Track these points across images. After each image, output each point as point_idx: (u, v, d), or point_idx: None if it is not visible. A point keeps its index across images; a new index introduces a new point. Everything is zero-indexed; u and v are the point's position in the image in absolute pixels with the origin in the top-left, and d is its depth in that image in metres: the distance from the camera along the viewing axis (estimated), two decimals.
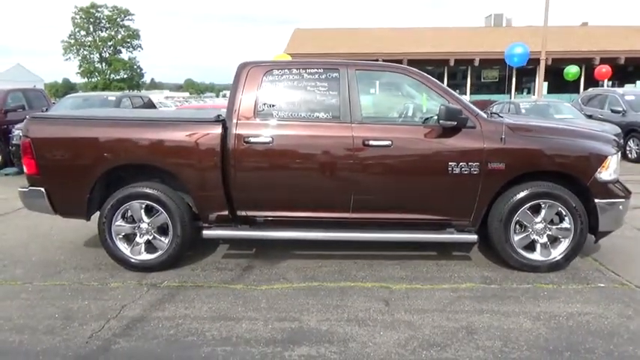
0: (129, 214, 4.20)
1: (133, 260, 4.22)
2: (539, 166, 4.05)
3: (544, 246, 4.15)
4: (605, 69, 19.51)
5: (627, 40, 26.56)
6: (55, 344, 3.03)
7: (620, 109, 11.24)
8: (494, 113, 5.12)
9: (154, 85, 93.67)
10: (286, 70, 4.17)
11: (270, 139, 4.03)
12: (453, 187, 4.05)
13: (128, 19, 56.43)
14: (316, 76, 4.15)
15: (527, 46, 13.13)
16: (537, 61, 25.11)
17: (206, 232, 4.22)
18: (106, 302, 3.63)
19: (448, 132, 4.01)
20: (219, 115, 4.17)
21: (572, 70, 19.47)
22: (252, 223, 4.29)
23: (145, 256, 4.23)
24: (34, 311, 3.50)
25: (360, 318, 3.35)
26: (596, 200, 4.06)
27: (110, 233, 4.19)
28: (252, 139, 4.03)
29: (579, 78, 23.25)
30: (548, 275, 4.10)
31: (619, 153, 4.25)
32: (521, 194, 4.04)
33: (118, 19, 55.60)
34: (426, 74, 4.21)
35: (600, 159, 4.06)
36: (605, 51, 25.49)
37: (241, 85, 4.13)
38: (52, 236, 5.32)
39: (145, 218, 4.19)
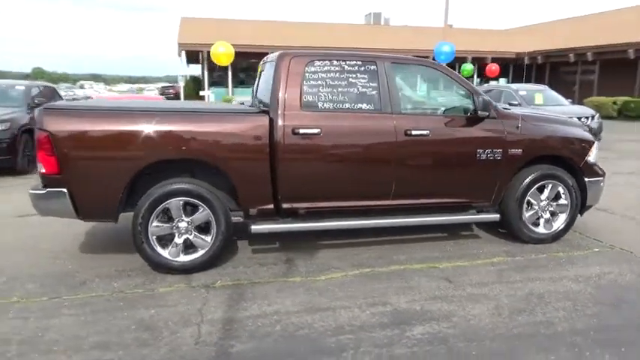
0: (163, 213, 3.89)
1: (173, 263, 3.93)
2: (548, 151, 4.66)
3: (547, 221, 4.80)
4: (494, 67, 22.22)
5: (490, 42, 30.26)
6: (165, 355, 2.77)
7: (517, 102, 12.91)
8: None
9: None
10: (327, 62, 4.20)
11: (319, 129, 4.04)
12: (480, 171, 4.48)
13: None
14: (355, 67, 4.25)
15: (453, 45, 14.40)
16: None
17: (255, 227, 4.08)
18: (175, 308, 3.37)
19: (476, 122, 4.42)
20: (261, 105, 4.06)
21: (467, 68, 21.80)
22: (294, 215, 4.25)
23: (186, 257, 3.97)
24: (101, 326, 3.12)
25: (441, 296, 3.60)
26: (585, 179, 4.81)
27: (147, 236, 3.84)
28: (301, 131, 4.01)
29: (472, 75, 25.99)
30: (551, 246, 4.74)
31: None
32: (532, 176, 4.61)
33: None
34: (449, 68, 4.56)
35: (590, 144, 4.81)
36: (476, 51, 28.79)
37: (284, 76, 4.06)
38: (37, 245, 4.65)
39: (184, 216, 3.92)
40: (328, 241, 4.77)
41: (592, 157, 4.84)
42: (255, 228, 4.08)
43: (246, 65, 29.06)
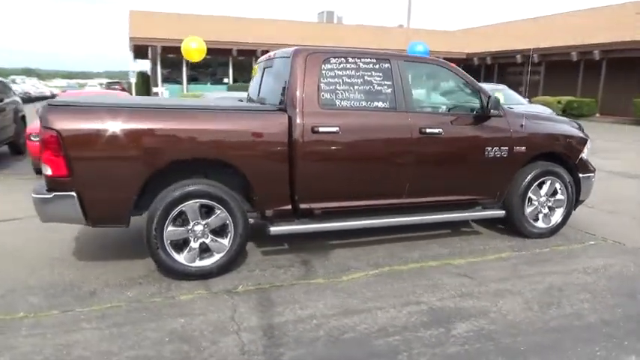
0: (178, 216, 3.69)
1: (190, 268, 3.73)
2: (549, 149, 4.82)
3: (545, 215, 4.98)
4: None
5: (442, 43, 31.15)
6: None
7: None
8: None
9: None
10: (343, 59, 4.13)
11: (337, 128, 3.97)
12: (488, 169, 4.57)
13: None
14: (370, 65, 4.21)
15: (426, 45, 14.61)
16: None
17: (274, 229, 3.95)
18: (205, 317, 3.19)
19: (484, 120, 4.50)
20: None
21: None
22: (310, 215, 4.16)
23: (203, 262, 3.78)
24: (131, 339, 2.90)
25: (468, 293, 3.63)
26: (579, 175, 5.03)
27: (163, 241, 3.62)
28: (321, 129, 3.92)
29: None
30: (550, 240, 4.92)
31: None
32: (534, 173, 4.77)
33: None
34: (458, 67, 4.62)
35: (584, 141, 5.03)
36: (431, 51, 29.53)
37: (301, 73, 3.95)
38: (25, 253, 4.28)
39: (200, 219, 3.74)
40: (336, 240, 4.70)
41: (585, 154, 5.07)
42: (275, 230, 3.95)
43: (201, 62, 28.31)
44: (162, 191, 3.64)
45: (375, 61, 4.23)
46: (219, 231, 3.83)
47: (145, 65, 38.13)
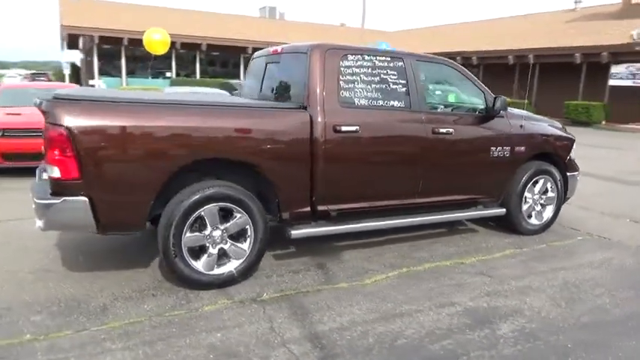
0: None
1: (209, 276, 3.48)
2: (545, 149, 5.00)
3: (538, 213, 5.16)
4: None
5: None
6: None
7: None
8: None
9: None
10: (359, 56, 4.02)
11: (357, 127, 3.87)
12: (492, 168, 4.66)
13: None
14: (385, 63, 4.13)
15: (389, 45, 14.68)
16: None
17: (295, 232, 3.76)
18: (242, 329, 2.98)
19: (489, 120, 4.58)
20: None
21: None
22: (326, 217, 4.02)
23: (221, 269, 3.54)
24: (172, 358, 2.63)
25: (494, 291, 3.66)
26: (567, 173, 5.27)
27: (181, 248, 3.34)
28: (343, 128, 3.79)
29: None
30: (542, 236, 5.10)
31: None
32: (530, 171, 4.93)
33: None
34: (464, 68, 4.66)
35: (572, 142, 5.27)
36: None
37: (320, 69, 3.80)
38: (9, 266, 3.81)
39: (219, 224, 3.49)
40: (343, 242, 4.59)
41: (573, 153, 5.31)
42: (296, 233, 3.77)
43: (138, 54, 26.92)
44: (175, 194, 3.36)
45: (389, 59, 4.16)
46: (237, 236, 3.60)
47: (73, 56, 35.78)
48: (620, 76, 20.65)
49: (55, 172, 2.98)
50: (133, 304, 3.26)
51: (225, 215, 3.53)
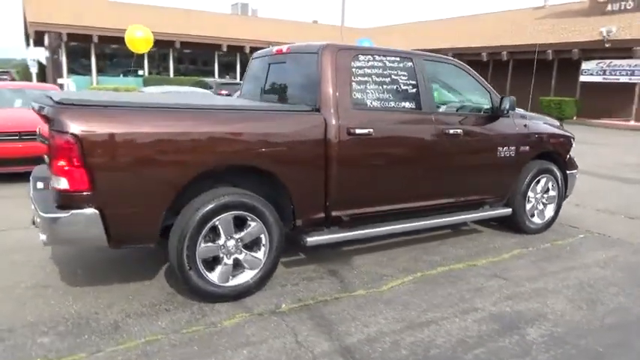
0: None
1: (224, 289, 3.32)
2: (547, 148, 5.01)
3: (540, 211, 5.18)
4: None
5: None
6: None
7: None
8: None
9: None
10: (370, 57, 3.91)
11: (371, 129, 3.77)
12: (500, 168, 4.64)
13: None
14: (395, 64, 4.04)
15: (372, 42, 14.55)
16: None
17: (310, 239, 3.64)
18: (267, 344, 2.84)
19: (495, 120, 4.55)
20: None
21: None
22: (338, 223, 3.91)
23: (236, 280, 3.39)
24: None
25: (512, 294, 3.62)
26: (567, 172, 5.31)
27: (195, 260, 3.17)
28: (357, 131, 3.68)
29: None
30: (544, 235, 5.13)
31: None
32: (534, 171, 4.93)
33: None
34: (470, 68, 4.62)
35: (572, 140, 5.31)
36: None
37: (332, 70, 3.67)
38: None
39: (234, 233, 3.34)
40: (350, 247, 4.49)
41: (572, 152, 5.35)
42: (311, 240, 3.65)
43: (109, 51, 26.15)
44: (186, 204, 3.19)
45: (399, 59, 4.07)
46: (251, 245, 3.45)
47: (38, 54, 34.43)
48: (591, 72, 21.23)
49: (62, 184, 2.77)
50: (147, 321, 3.07)
51: (238, 224, 3.38)
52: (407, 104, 4.04)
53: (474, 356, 2.78)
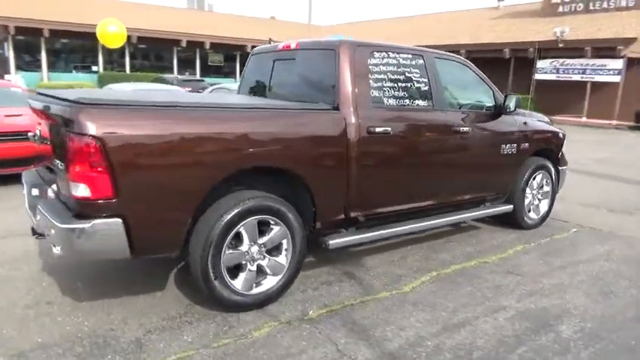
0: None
1: (250, 297, 3.16)
2: (544, 145, 5.11)
3: (535, 207, 5.29)
4: None
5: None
6: None
7: None
8: None
9: None
10: (385, 54, 3.84)
11: (389, 128, 3.69)
12: (503, 165, 4.70)
13: None
14: (408, 61, 3.98)
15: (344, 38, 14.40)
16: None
17: (333, 242, 3.52)
18: (307, 354, 2.71)
19: (498, 118, 4.59)
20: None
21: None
22: (355, 223, 3.81)
23: (261, 287, 3.23)
24: None
25: (531, 291, 3.65)
26: (559, 168, 5.45)
27: (221, 269, 2.99)
28: (377, 129, 3.60)
29: None
30: (541, 230, 5.24)
31: None
32: (532, 167, 5.02)
33: None
34: (473, 64, 4.63)
35: (564, 137, 5.44)
36: None
37: (350, 67, 3.56)
38: None
39: (257, 238, 3.18)
40: (359, 247, 4.40)
41: (564, 149, 5.49)
42: (334, 242, 3.53)
43: (59, 46, 24.82)
44: (207, 209, 3.00)
45: (411, 56, 4.02)
46: (274, 250, 3.30)
47: None
48: (545, 70, 22.14)
49: (82, 191, 2.52)
50: (171, 336, 2.87)
51: (261, 228, 3.22)
52: (420, 102, 3.99)
53: (518, 357, 2.76)
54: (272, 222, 3.20)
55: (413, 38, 27.01)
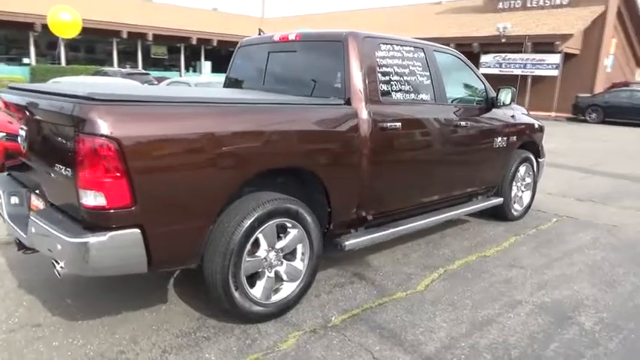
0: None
1: (269, 306, 2.95)
2: (528, 138, 5.21)
3: (519, 198, 5.40)
4: None
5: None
6: None
7: None
8: None
9: None
10: (390, 46, 3.71)
11: (400, 123, 3.58)
12: (495, 159, 4.73)
13: None
14: (410, 54, 3.89)
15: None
16: (204, 41, 26.56)
17: (349, 243, 3.36)
18: None
19: (491, 111, 4.61)
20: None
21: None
22: (365, 222, 3.68)
23: (279, 295, 3.03)
24: None
25: (540, 283, 3.69)
26: (539, 160, 5.60)
27: (240, 278, 2.76)
28: (388, 125, 3.47)
29: None
30: (525, 221, 5.36)
31: None
32: (518, 160, 5.11)
33: None
34: (466, 58, 4.62)
35: (543, 129, 5.59)
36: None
37: (360, 60, 3.41)
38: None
39: (276, 243, 2.97)
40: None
41: (543, 141, 5.65)
42: (350, 243, 3.38)
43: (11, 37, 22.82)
44: (222, 213, 2.76)
45: (413, 49, 3.93)
46: (288, 254, 3.10)
47: None
48: (489, 64, 23.01)
49: (95, 200, 2.21)
50: (192, 355, 2.61)
51: (280, 233, 3.02)
52: (424, 96, 3.91)
53: (554, 352, 2.74)
54: (289, 225, 3.00)
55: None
